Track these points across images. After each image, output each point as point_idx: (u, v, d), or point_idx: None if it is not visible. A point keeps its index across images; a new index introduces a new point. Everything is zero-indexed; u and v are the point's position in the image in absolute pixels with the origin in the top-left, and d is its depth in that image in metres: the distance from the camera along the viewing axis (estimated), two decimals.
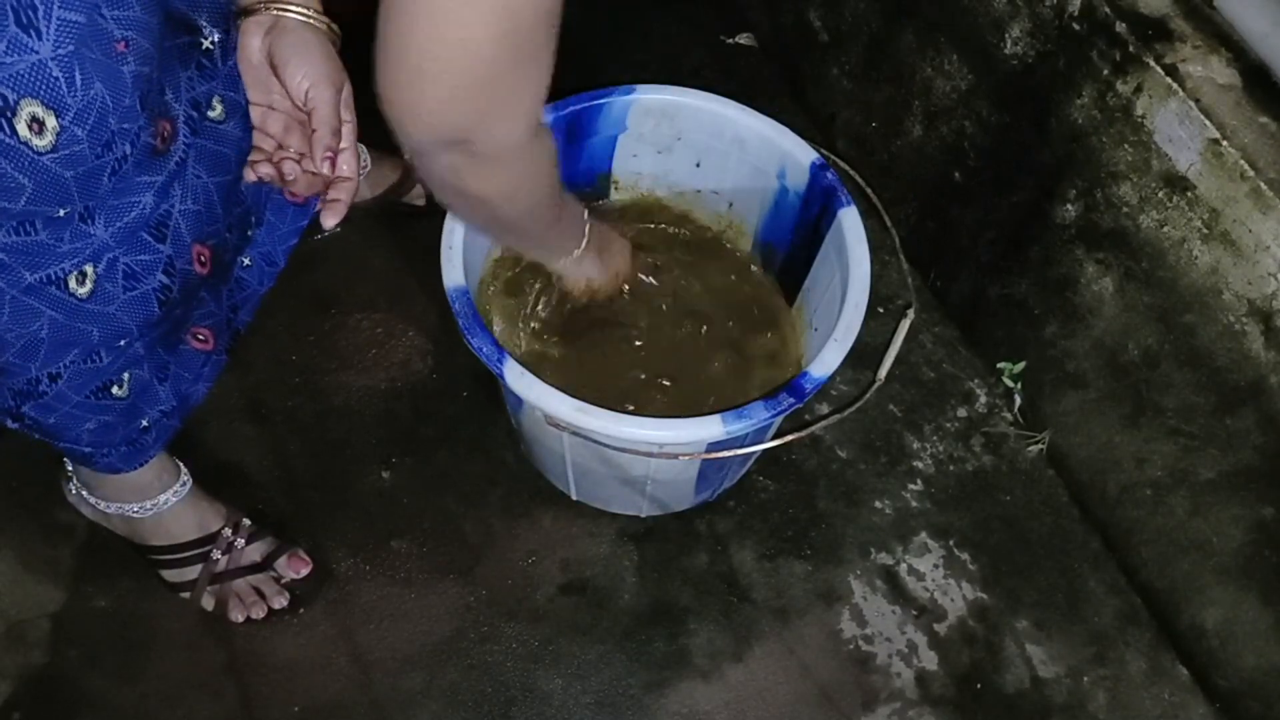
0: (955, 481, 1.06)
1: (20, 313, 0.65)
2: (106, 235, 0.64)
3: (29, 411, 0.73)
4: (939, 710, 0.95)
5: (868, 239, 0.85)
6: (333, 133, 0.73)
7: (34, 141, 0.56)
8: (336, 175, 0.75)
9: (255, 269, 0.84)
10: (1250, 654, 0.90)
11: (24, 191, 0.57)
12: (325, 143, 0.73)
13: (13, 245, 0.61)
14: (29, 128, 0.55)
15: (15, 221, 0.60)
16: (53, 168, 0.57)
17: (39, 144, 0.56)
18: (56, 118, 0.56)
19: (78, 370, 0.71)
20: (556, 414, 0.76)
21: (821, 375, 0.78)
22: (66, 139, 0.57)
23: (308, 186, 0.75)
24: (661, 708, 0.93)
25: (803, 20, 1.25)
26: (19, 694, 0.91)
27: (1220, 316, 0.82)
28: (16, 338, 0.66)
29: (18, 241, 0.61)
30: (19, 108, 0.54)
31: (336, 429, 1.06)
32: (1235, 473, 0.86)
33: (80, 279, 0.65)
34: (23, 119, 0.54)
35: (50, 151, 0.57)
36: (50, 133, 0.56)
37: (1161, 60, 0.80)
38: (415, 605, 0.97)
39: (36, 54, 0.53)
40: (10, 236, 0.61)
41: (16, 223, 0.60)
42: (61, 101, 0.55)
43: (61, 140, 0.57)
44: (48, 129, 0.56)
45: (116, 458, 0.82)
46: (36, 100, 0.54)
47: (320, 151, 0.73)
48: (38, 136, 0.56)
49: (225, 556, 0.95)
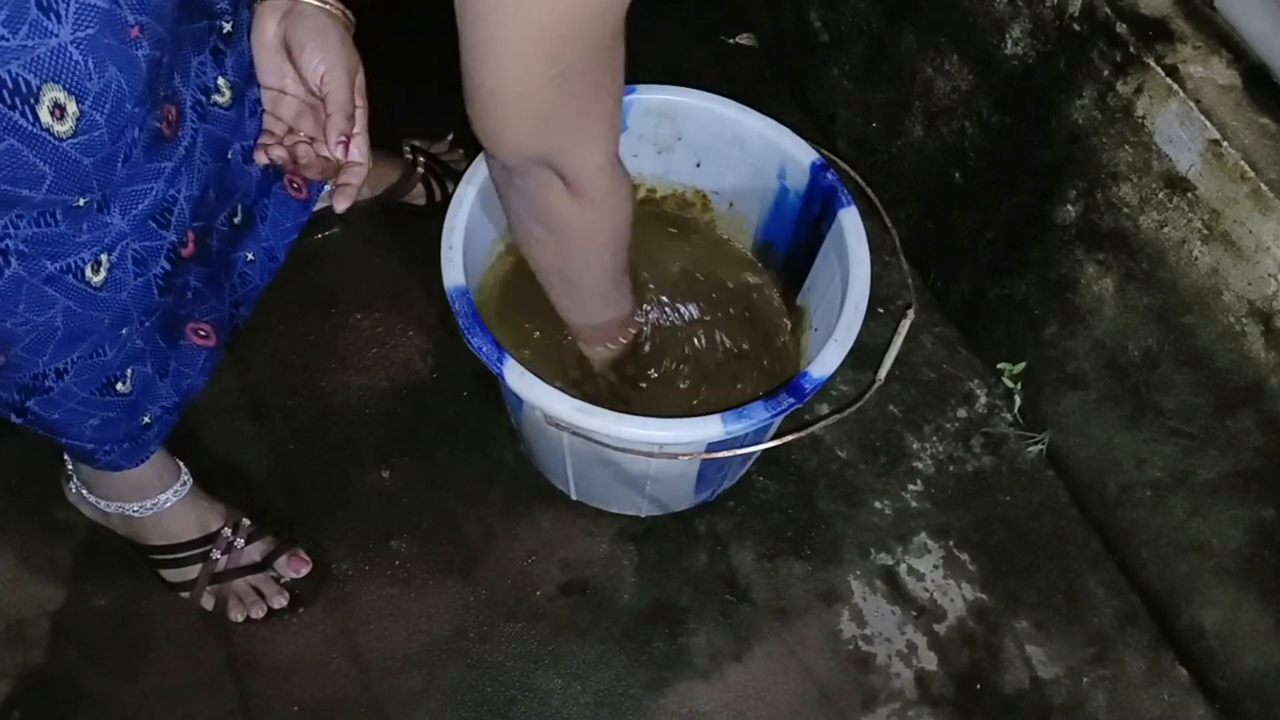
0: (955, 482, 1.06)
1: (37, 302, 0.65)
2: (123, 224, 0.65)
3: (34, 407, 0.73)
4: (938, 710, 0.95)
5: (868, 239, 0.85)
6: (347, 118, 0.74)
7: (55, 128, 0.55)
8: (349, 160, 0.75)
9: (258, 264, 0.84)
10: (1250, 655, 0.90)
11: (45, 180, 0.57)
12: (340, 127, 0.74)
13: (34, 236, 0.61)
14: (51, 114, 0.55)
15: (36, 212, 0.60)
16: (73, 154, 0.57)
17: (60, 130, 0.56)
18: (77, 103, 0.55)
19: (84, 366, 0.71)
20: (556, 414, 0.76)
21: (821, 375, 0.78)
22: (86, 124, 0.57)
23: (320, 171, 0.76)
24: (661, 708, 0.93)
25: (803, 20, 1.25)
26: (18, 693, 0.91)
27: (1220, 317, 0.82)
28: (28, 330, 0.66)
29: (39, 233, 0.61)
30: (41, 93, 0.54)
31: (336, 429, 1.06)
32: (1235, 474, 0.86)
33: (95, 268, 0.65)
34: (45, 105, 0.54)
35: (71, 137, 0.56)
36: (71, 118, 0.56)
37: (1162, 61, 0.80)
38: (415, 605, 0.97)
39: (57, 37, 0.53)
40: (32, 228, 0.61)
41: (38, 213, 0.60)
42: (82, 86, 0.55)
43: (81, 126, 0.56)
44: (68, 114, 0.55)
45: (119, 454, 0.82)
46: (59, 85, 0.54)
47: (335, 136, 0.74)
48: (59, 123, 0.55)
49: (225, 556, 0.95)
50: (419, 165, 1.16)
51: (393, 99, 1.25)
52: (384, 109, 1.19)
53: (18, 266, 0.62)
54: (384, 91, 1.24)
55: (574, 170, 0.64)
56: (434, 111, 1.24)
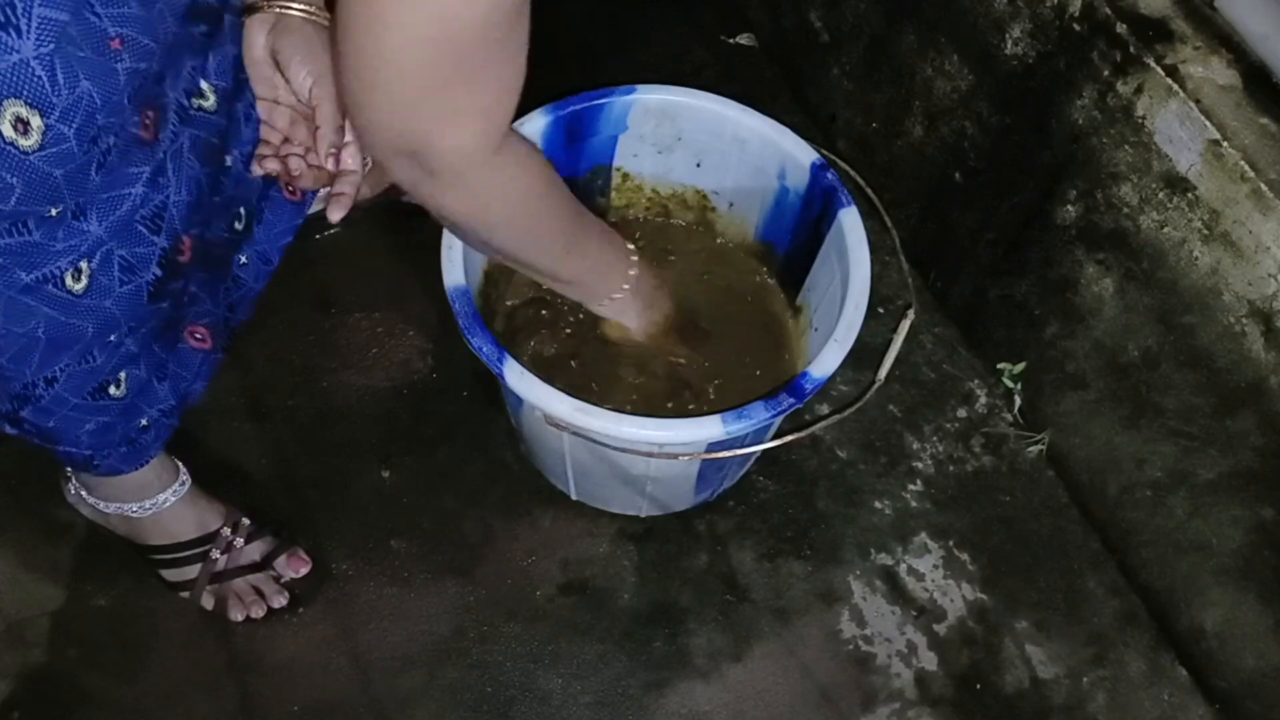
0: (955, 482, 1.06)
1: (17, 313, 0.64)
2: (100, 230, 0.64)
3: (28, 416, 0.73)
4: (938, 710, 0.95)
5: (868, 239, 0.85)
6: (336, 129, 0.74)
7: (20, 142, 0.55)
8: (340, 169, 0.75)
9: (251, 267, 0.84)
10: (1249, 655, 0.90)
11: (13, 191, 0.57)
12: (329, 139, 0.73)
13: (7, 247, 0.60)
14: (14, 128, 0.54)
15: (8, 222, 0.59)
16: (41, 166, 0.57)
17: (25, 144, 0.55)
18: (41, 117, 0.55)
19: (73, 373, 0.71)
20: (556, 414, 0.76)
21: (821, 376, 0.78)
22: (53, 137, 0.56)
23: (314, 181, 0.75)
24: (661, 708, 0.93)
25: (804, 20, 1.25)
26: (18, 693, 0.91)
27: (1220, 317, 0.82)
28: (11, 341, 0.66)
29: (12, 243, 0.60)
30: (3, 109, 0.53)
31: (336, 429, 1.06)
32: (1235, 474, 0.86)
33: (76, 275, 0.65)
34: (7, 120, 0.54)
35: (37, 150, 0.56)
36: (36, 132, 0.55)
37: (1162, 61, 0.80)
38: (415, 605, 0.97)
39: (18, 53, 0.52)
40: (3, 239, 0.60)
41: (9, 223, 0.60)
42: (46, 101, 0.55)
43: (48, 139, 0.56)
44: (33, 129, 0.55)
45: (117, 459, 0.82)
46: (20, 100, 0.54)
47: (324, 148, 0.74)
48: (23, 137, 0.55)
49: (224, 556, 0.95)
50: None
51: None
52: None
53: None
54: None
55: (441, 160, 0.62)
56: None
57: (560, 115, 0.89)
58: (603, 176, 0.99)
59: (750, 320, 0.98)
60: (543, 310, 0.95)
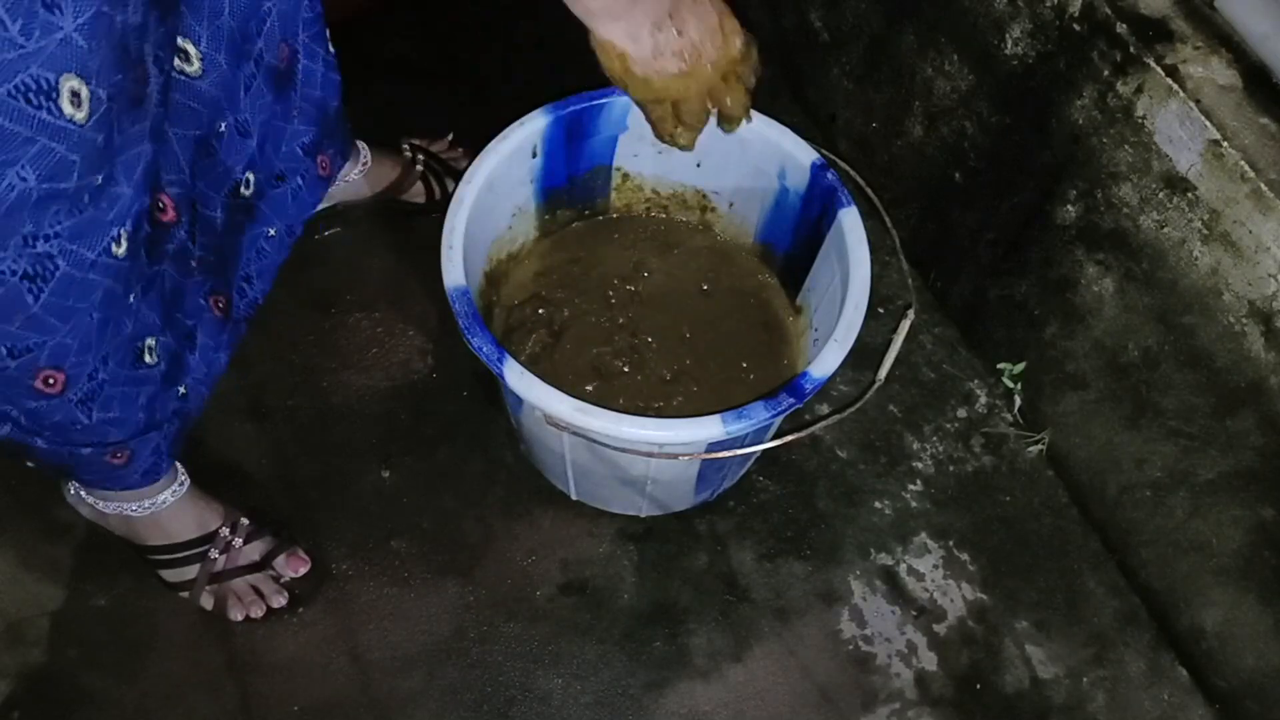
0: (955, 482, 1.06)
1: (85, 295, 0.65)
2: (129, 190, 0.65)
3: (96, 413, 0.74)
4: (938, 710, 0.95)
5: (868, 239, 0.85)
6: None
7: (75, 116, 0.56)
8: None
9: (277, 239, 0.85)
10: (1250, 655, 0.90)
11: (75, 168, 0.58)
12: None
13: (74, 227, 0.61)
14: (71, 103, 0.55)
15: (69, 203, 0.60)
16: (91, 136, 0.58)
17: (79, 117, 0.56)
18: (87, 85, 0.56)
19: (116, 345, 0.72)
20: (556, 414, 0.76)
21: (821, 375, 0.78)
22: (94, 103, 0.57)
23: None
24: (661, 708, 0.93)
25: (804, 20, 1.25)
26: (18, 693, 0.91)
27: (1220, 317, 0.82)
28: (75, 334, 0.66)
29: (80, 222, 0.61)
30: (60, 85, 0.54)
31: (336, 429, 1.06)
32: (1235, 474, 0.86)
33: (118, 241, 0.66)
34: (65, 96, 0.55)
35: (87, 121, 0.57)
36: (85, 102, 0.56)
37: (1162, 61, 0.80)
38: (415, 605, 0.97)
39: (62, 29, 0.53)
40: (72, 219, 0.61)
41: (70, 204, 0.60)
42: (87, 68, 0.56)
43: (93, 106, 0.57)
44: (83, 99, 0.56)
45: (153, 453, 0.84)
46: (73, 74, 0.55)
47: None
48: (78, 110, 0.56)
49: (224, 556, 0.95)
50: (418, 163, 1.16)
51: (393, 98, 1.25)
52: (384, 108, 1.20)
53: (65, 265, 0.62)
54: (384, 91, 1.25)
55: None
56: (434, 111, 1.24)
57: (560, 115, 0.89)
58: (603, 176, 0.99)
59: (750, 320, 0.98)
60: (541, 310, 0.95)
